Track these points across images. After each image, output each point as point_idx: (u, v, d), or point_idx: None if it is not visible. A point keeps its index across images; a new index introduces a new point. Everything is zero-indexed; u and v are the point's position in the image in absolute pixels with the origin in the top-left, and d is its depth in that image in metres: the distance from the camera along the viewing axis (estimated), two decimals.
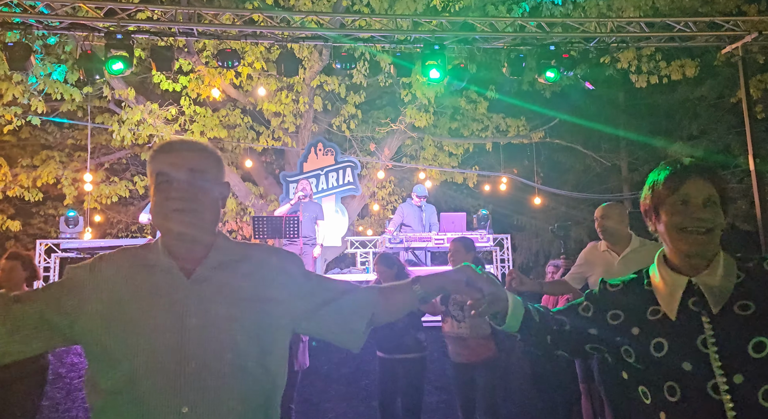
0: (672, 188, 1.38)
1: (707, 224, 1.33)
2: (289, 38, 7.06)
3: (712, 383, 1.25)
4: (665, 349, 1.32)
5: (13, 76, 8.16)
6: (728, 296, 1.32)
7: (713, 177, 1.39)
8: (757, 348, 1.25)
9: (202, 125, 9.79)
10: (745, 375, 1.24)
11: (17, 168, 10.61)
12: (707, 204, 1.35)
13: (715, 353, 1.27)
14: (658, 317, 1.36)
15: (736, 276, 1.34)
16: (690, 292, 1.34)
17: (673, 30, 7.19)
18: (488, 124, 11.81)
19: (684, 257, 1.37)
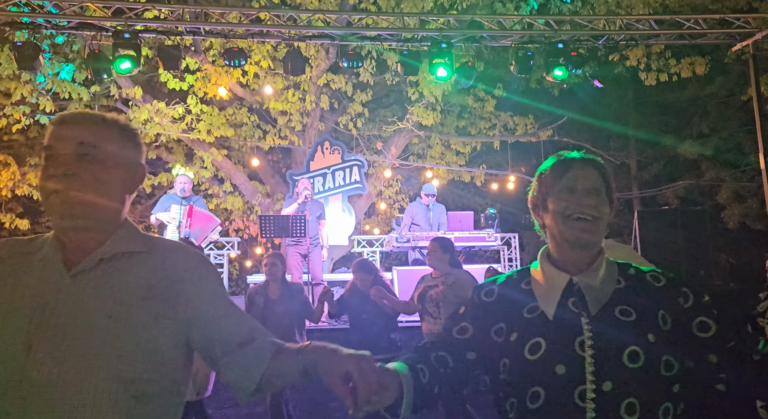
0: (558, 175, 1.34)
1: (593, 212, 1.28)
2: (295, 37, 7.05)
3: (580, 389, 1.18)
4: (542, 350, 1.23)
5: (22, 75, 8.19)
6: (607, 299, 1.26)
7: (599, 167, 1.35)
8: (632, 358, 1.18)
9: (208, 124, 9.80)
10: (615, 384, 1.17)
11: (26, 167, 10.67)
12: (592, 192, 1.31)
13: (591, 357, 1.20)
14: (536, 315, 1.28)
15: (616, 281, 1.29)
16: (570, 291, 1.28)
17: (683, 27, 7.12)
18: (496, 122, 11.75)
19: (568, 248, 1.31)
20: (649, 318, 1.23)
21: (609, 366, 1.18)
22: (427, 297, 4.17)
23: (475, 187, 13.12)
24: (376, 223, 12.73)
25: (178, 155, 10.91)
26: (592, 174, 1.32)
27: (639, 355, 1.18)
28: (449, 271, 4.22)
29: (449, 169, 12.01)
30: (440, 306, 4.08)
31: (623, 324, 1.21)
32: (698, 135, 12.89)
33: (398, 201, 12.56)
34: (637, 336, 1.20)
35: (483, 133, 11.81)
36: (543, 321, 1.26)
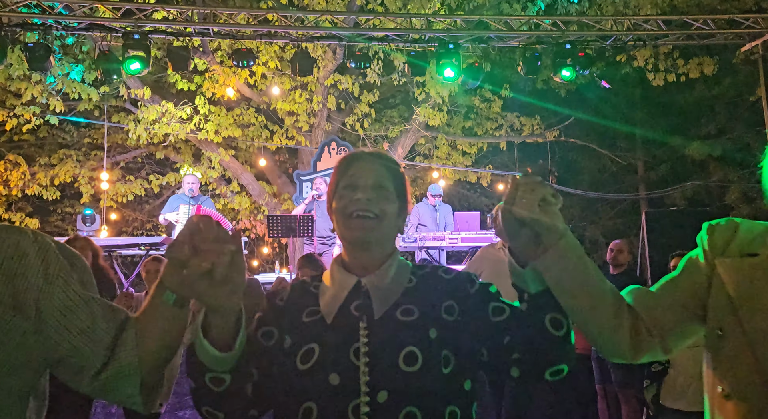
0: (341, 172, 1.25)
1: (373, 209, 1.19)
2: (303, 38, 7.08)
3: (354, 403, 1.06)
4: (315, 357, 1.11)
5: (32, 75, 8.27)
6: (394, 300, 1.17)
7: (387, 162, 1.26)
8: (409, 361, 1.08)
9: (216, 124, 9.85)
10: (391, 393, 1.07)
11: (35, 166, 10.77)
12: (375, 188, 1.21)
13: (365, 365, 1.09)
14: (315, 319, 1.16)
15: (408, 280, 1.21)
16: (356, 294, 1.18)
17: (692, 28, 7.10)
18: (502, 122, 11.75)
19: (353, 249, 1.22)
20: (432, 313, 1.15)
21: (384, 374, 1.08)
22: None
23: (481, 187, 13.11)
24: None
25: (186, 155, 10.97)
26: (376, 169, 1.23)
27: (417, 356, 1.09)
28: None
29: (456, 170, 12.01)
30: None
31: (403, 325, 1.13)
32: (706, 135, 12.83)
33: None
34: (416, 335, 1.12)
35: (489, 134, 11.81)
36: (320, 326, 1.15)
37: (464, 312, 1.17)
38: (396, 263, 1.23)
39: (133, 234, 12.65)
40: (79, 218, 8.95)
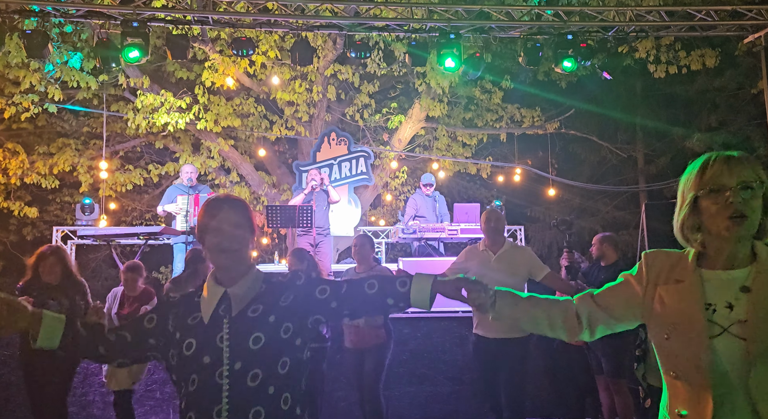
0: (211, 215, 1.72)
1: (234, 244, 1.71)
2: (303, 26, 7.04)
3: (219, 370, 1.62)
4: (194, 347, 1.66)
5: (31, 63, 8.22)
6: (247, 302, 1.70)
7: (242, 207, 1.76)
8: (255, 342, 1.64)
9: (215, 114, 9.81)
10: (243, 363, 1.62)
11: (34, 155, 10.72)
12: (238, 227, 1.72)
13: (227, 347, 1.64)
14: (196, 321, 1.70)
15: (259, 287, 1.74)
16: (223, 300, 1.71)
17: (694, 19, 7.05)
18: (503, 114, 11.70)
19: (220, 270, 1.74)
20: (272, 305, 1.71)
21: (239, 352, 1.63)
22: None
23: (481, 179, 13.09)
24: (381, 215, 12.75)
25: (185, 145, 10.94)
26: (236, 213, 1.72)
27: (261, 338, 1.65)
28: (373, 266, 4.63)
29: (455, 161, 11.98)
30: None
31: (252, 319, 1.68)
32: (707, 128, 12.79)
33: (404, 192, 12.55)
34: (261, 323, 1.67)
35: (490, 125, 11.76)
36: (199, 326, 1.69)
37: (296, 297, 1.74)
38: (252, 276, 1.75)
39: (132, 223, 12.64)
40: (78, 207, 8.94)
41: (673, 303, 1.48)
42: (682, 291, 1.48)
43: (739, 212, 1.42)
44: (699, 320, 1.42)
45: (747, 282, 1.43)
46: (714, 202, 1.45)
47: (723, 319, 1.41)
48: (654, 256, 1.59)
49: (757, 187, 1.44)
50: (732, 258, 1.47)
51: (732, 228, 1.43)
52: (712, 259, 1.49)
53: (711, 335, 1.40)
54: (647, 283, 1.56)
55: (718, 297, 1.44)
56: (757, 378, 1.35)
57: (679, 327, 1.45)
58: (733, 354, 1.37)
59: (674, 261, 1.54)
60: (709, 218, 1.47)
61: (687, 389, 1.44)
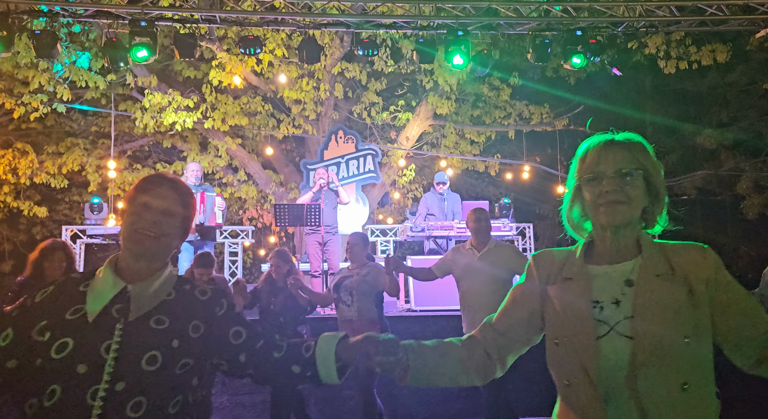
0: (140, 190, 1.46)
1: (156, 230, 1.41)
2: (310, 25, 7.01)
3: (94, 388, 1.27)
4: (68, 350, 1.30)
5: (39, 63, 8.25)
6: (151, 308, 1.39)
7: (176, 188, 1.47)
8: (150, 361, 1.31)
9: (223, 113, 9.82)
10: (127, 384, 1.28)
11: (43, 155, 10.78)
12: (165, 213, 1.44)
13: (112, 360, 1.29)
14: (77, 317, 1.35)
15: (168, 293, 1.43)
16: (121, 298, 1.38)
17: (705, 14, 6.96)
18: (511, 111, 11.63)
19: (131, 259, 1.43)
20: (179, 328, 1.38)
21: (126, 369, 1.29)
22: (342, 286, 4.44)
23: (489, 176, 13.03)
24: (389, 213, 12.73)
25: (192, 144, 10.96)
26: (174, 199, 1.45)
27: (157, 359, 1.31)
28: (366, 263, 4.56)
29: (463, 159, 11.93)
30: (353, 295, 4.38)
31: (153, 332, 1.35)
32: (718, 124, 12.66)
33: (412, 190, 12.52)
34: (162, 342, 1.34)
35: (498, 122, 11.70)
36: (80, 324, 1.34)
37: (209, 331, 1.42)
38: (163, 277, 1.45)
39: None
40: (87, 206, 8.97)
41: (562, 302, 1.37)
42: (571, 289, 1.36)
43: (614, 200, 1.33)
44: (586, 319, 1.30)
45: (632, 275, 1.32)
46: (592, 190, 1.37)
47: (610, 317, 1.29)
48: (542, 257, 1.48)
49: (636, 174, 1.35)
50: (617, 251, 1.37)
51: (608, 216, 1.34)
52: (599, 253, 1.40)
53: (598, 335, 1.28)
54: (540, 286, 1.44)
55: (606, 294, 1.32)
56: (645, 381, 1.23)
57: (568, 329, 1.33)
58: (620, 354, 1.26)
59: (563, 259, 1.43)
60: (589, 206, 1.39)
61: (579, 397, 1.30)
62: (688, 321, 1.26)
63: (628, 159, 1.36)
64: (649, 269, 1.32)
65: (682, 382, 1.24)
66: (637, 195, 1.35)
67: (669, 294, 1.28)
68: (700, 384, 1.26)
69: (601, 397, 1.25)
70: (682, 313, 1.26)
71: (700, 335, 1.27)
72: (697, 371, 1.26)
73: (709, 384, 1.29)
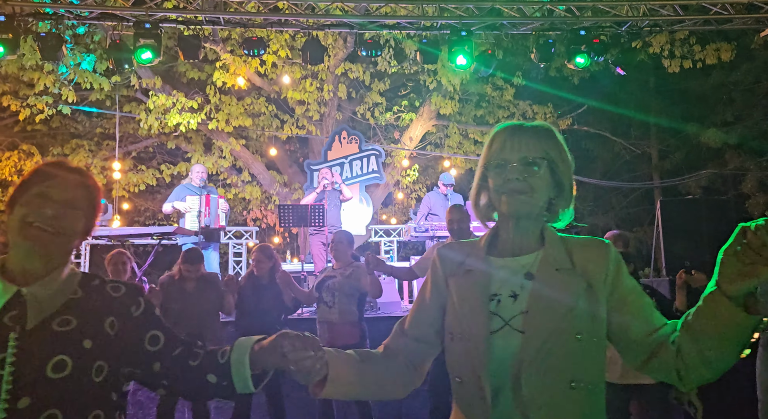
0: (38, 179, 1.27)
1: (53, 223, 1.22)
2: (314, 26, 7.03)
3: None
4: None
5: (44, 65, 8.29)
6: (53, 311, 1.21)
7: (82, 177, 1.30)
8: (57, 368, 1.15)
9: (227, 114, 9.85)
10: (33, 399, 1.12)
11: (48, 156, 10.84)
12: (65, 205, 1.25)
13: (9, 374, 1.13)
14: None
15: (73, 291, 1.26)
16: (14, 304, 1.20)
17: (709, 12, 6.94)
18: (514, 111, 11.63)
19: (22, 257, 1.23)
20: (92, 326, 1.22)
21: (29, 382, 1.13)
22: (325, 286, 4.27)
23: None
24: (393, 213, 12.73)
25: (196, 145, 10.99)
26: (75, 187, 1.28)
27: (66, 364, 1.15)
28: (351, 263, 4.37)
29: (467, 159, 11.93)
30: (335, 296, 4.19)
31: (58, 335, 1.18)
32: (722, 123, 12.62)
33: (415, 190, 12.53)
34: (70, 345, 1.17)
35: (501, 122, 11.69)
36: None
37: (123, 331, 1.26)
38: (64, 276, 1.26)
39: (146, 223, 12.73)
40: None
41: (460, 295, 1.30)
42: (470, 282, 1.30)
43: (516, 189, 1.27)
44: (481, 313, 1.25)
45: (532, 268, 1.27)
46: (496, 177, 1.30)
47: (506, 311, 1.24)
48: (447, 248, 1.41)
49: (540, 163, 1.28)
50: (520, 243, 1.31)
51: (509, 206, 1.28)
52: (503, 245, 1.34)
53: (492, 330, 1.23)
54: (443, 280, 1.36)
55: (505, 287, 1.27)
56: (532, 379, 1.18)
57: (463, 322, 1.26)
58: (510, 350, 1.20)
59: (467, 251, 1.36)
60: (492, 195, 1.33)
61: (468, 395, 1.25)
62: (583, 317, 1.21)
63: (533, 147, 1.29)
64: (549, 262, 1.27)
65: (570, 380, 1.18)
66: (540, 185, 1.28)
67: (567, 288, 1.23)
68: (589, 382, 1.21)
69: (488, 396, 1.19)
70: (578, 309, 1.21)
71: (594, 332, 1.23)
72: (588, 369, 1.22)
73: (599, 383, 1.25)
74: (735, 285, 1.09)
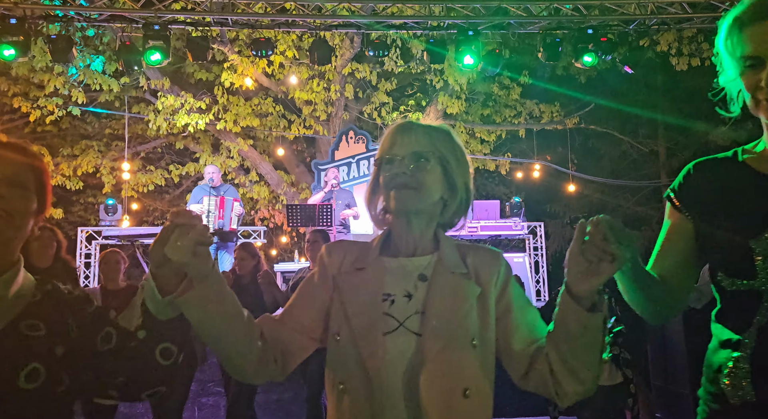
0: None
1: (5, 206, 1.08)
2: (321, 26, 7.06)
3: None
4: None
5: (55, 67, 8.37)
6: (17, 313, 1.10)
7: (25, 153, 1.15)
8: (30, 377, 1.04)
9: (234, 114, 9.90)
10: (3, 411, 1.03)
11: (58, 157, 10.93)
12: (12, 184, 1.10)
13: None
14: None
15: (33, 294, 1.14)
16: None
17: (718, 10, 6.91)
18: (521, 110, 11.62)
19: None
20: (58, 330, 1.11)
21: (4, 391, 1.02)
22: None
23: (500, 175, 13.01)
24: None
25: (204, 145, 11.06)
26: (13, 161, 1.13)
27: (40, 373, 1.04)
28: None
29: (474, 158, 11.93)
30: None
31: (30, 340, 1.07)
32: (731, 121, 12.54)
33: None
34: (43, 351, 1.06)
35: (508, 121, 11.69)
36: None
37: (81, 334, 1.14)
38: (21, 276, 1.14)
39: (155, 223, 12.80)
40: (102, 208, 9.09)
41: (350, 294, 1.23)
42: (361, 280, 1.24)
43: (403, 183, 1.22)
44: (374, 312, 1.18)
45: (426, 270, 1.23)
46: (386, 173, 1.26)
47: (400, 312, 1.19)
48: (336, 245, 1.35)
49: (431, 158, 1.25)
50: (414, 244, 1.27)
51: (397, 202, 1.23)
52: (396, 245, 1.29)
53: (385, 331, 1.17)
54: (330, 277, 1.29)
55: (398, 287, 1.22)
56: (426, 385, 1.12)
57: (353, 323, 1.18)
58: (405, 353, 1.15)
59: (359, 250, 1.31)
60: (383, 192, 1.28)
61: (353, 403, 1.16)
62: (477, 322, 1.19)
63: (424, 142, 1.26)
64: (444, 265, 1.24)
65: (464, 388, 1.14)
66: (429, 181, 1.24)
67: (462, 293, 1.20)
68: (481, 390, 1.18)
69: (377, 403, 1.12)
70: (472, 314, 1.19)
71: (487, 339, 1.21)
72: (481, 376, 1.18)
73: (490, 391, 1.21)
74: (582, 285, 1.07)
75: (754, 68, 1.20)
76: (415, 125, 1.29)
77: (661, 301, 1.29)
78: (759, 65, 1.19)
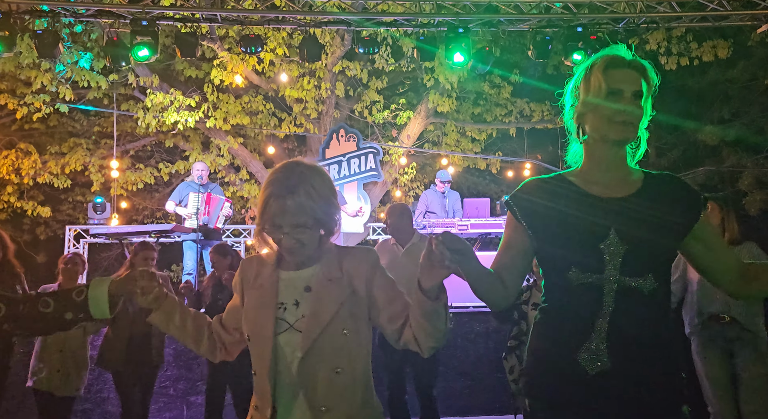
0: None
1: None
2: (311, 23, 7.03)
3: None
4: None
5: (42, 64, 8.28)
6: None
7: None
8: None
9: (224, 112, 9.84)
10: None
11: (46, 155, 10.82)
12: None
13: None
14: None
15: None
16: None
17: (706, 9, 6.96)
18: (512, 109, 11.63)
19: None
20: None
21: None
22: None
23: (490, 174, 13.04)
24: None
25: (194, 143, 10.99)
26: None
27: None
28: None
29: (465, 156, 11.94)
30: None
31: None
32: (719, 120, 12.63)
33: (413, 188, 12.54)
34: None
35: (499, 120, 11.70)
36: None
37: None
38: None
39: (144, 222, 12.72)
40: (90, 206, 9.01)
41: (253, 304, 1.62)
42: (261, 293, 1.61)
43: (290, 247, 1.56)
44: (270, 318, 1.56)
45: (310, 281, 1.59)
46: (273, 236, 1.59)
47: (291, 316, 1.57)
48: (247, 263, 1.72)
49: (310, 225, 1.56)
50: (301, 261, 1.62)
51: (286, 253, 1.60)
52: (288, 260, 1.64)
53: (277, 332, 1.55)
54: (242, 291, 1.69)
55: (289, 296, 1.59)
56: (307, 368, 1.52)
57: (255, 327, 1.58)
58: (291, 347, 1.54)
59: (261, 265, 1.67)
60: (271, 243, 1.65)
61: (260, 385, 1.57)
62: (348, 316, 1.56)
63: (300, 213, 1.53)
64: (324, 275, 1.59)
65: (335, 367, 1.53)
66: (309, 238, 1.56)
67: (335, 295, 1.57)
68: (352, 368, 1.56)
69: (274, 384, 1.54)
70: (343, 310, 1.55)
71: (357, 328, 1.59)
72: (352, 357, 1.57)
73: (364, 367, 1.60)
74: (428, 282, 1.44)
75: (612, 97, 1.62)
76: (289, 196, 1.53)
77: (496, 291, 1.63)
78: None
